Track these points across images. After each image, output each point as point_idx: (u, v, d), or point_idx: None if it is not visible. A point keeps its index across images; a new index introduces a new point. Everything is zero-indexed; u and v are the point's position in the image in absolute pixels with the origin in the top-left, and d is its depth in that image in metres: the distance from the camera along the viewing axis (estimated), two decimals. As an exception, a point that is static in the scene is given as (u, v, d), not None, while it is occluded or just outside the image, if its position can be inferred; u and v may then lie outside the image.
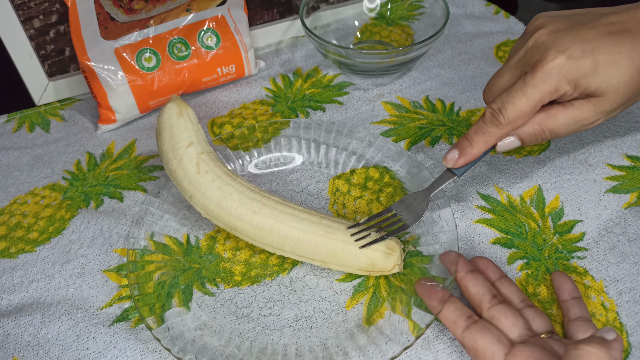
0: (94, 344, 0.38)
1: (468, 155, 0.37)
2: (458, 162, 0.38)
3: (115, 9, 0.53)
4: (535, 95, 0.33)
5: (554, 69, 0.32)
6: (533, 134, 0.35)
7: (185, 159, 0.40)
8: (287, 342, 0.38)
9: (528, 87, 0.33)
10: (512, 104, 0.34)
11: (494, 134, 0.36)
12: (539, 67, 0.33)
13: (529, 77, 0.33)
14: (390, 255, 0.38)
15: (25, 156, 0.54)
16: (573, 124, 0.34)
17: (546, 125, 0.35)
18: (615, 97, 0.33)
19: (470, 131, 0.37)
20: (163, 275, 0.41)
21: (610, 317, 0.38)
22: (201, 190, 0.40)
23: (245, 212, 0.39)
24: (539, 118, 0.35)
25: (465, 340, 0.34)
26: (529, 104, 0.33)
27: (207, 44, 0.56)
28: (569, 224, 0.44)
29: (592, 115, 0.34)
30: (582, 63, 0.32)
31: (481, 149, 0.37)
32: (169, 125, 0.42)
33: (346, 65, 0.58)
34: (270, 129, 0.51)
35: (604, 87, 0.32)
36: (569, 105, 0.34)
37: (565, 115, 0.34)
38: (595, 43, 0.32)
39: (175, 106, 0.42)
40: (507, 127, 0.35)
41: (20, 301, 0.41)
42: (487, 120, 0.36)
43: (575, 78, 0.32)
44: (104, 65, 0.52)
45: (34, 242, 0.45)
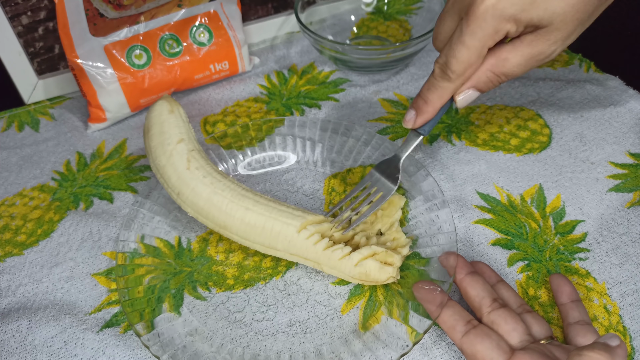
0: (82, 351, 0.37)
1: (425, 114, 0.36)
2: (417, 121, 0.37)
3: (104, 5, 0.51)
4: (475, 44, 0.31)
5: (487, 11, 0.29)
6: (488, 81, 0.33)
7: (175, 155, 0.40)
8: (281, 349, 0.37)
9: (465, 36, 0.31)
10: (455, 58, 0.32)
11: (447, 88, 0.34)
12: (471, 13, 0.30)
13: (465, 25, 0.31)
14: (385, 268, 0.37)
15: (14, 156, 0.53)
16: (527, 61, 0.32)
17: (499, 70, 0.32)
18: (564, 24, 0.30)
19: (424, 88, 0.36)
20: (153, 279, 0.40)
21: (613, 321, 0.37)
22: (191, 186, 0.39)
23: (237, 209, 0.38)
24: (490, 64, 0.33)
25: (464, 346, 0.33)
26: (471, 54, 0.31)
27: (199, 40, 0.55)
28: (571, 224, 0.43)
29: (546, 47, 0.31)
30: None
31: (437, 105, 0.36)
32: (159, 122, 0.41)
33: (342, 61, 0.56)
34: (264, 128, 0.50)
35: (548, 16, 0.29)
36: (518, 43, 0.31)
37: (517, 56, 0.32)
38: None
39: (166, 103, 0.42)
40: (457, 80, 0.33)
41: (7, 306, 0.40)
42: (437, 76, 0.34)
43: (513, 14, 0.29)
44: (93, 62, 0.51)
45: (22, 245, 0.44)
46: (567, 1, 0.29)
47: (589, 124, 0.50)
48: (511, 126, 0.51)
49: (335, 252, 0.37)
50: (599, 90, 0.54)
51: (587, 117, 0.51)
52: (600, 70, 0.57)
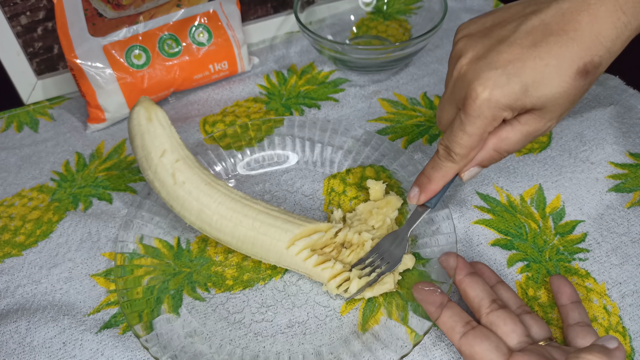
0: (80, 352, 0.37)
1: (428, 192, 0.38)
2: (420, 199, 0.38)
3: (102, 5, 0.51)
4: (475, 131, 0.33)
5: (483, 104, 0.31)
6: (491, 158, 0.35)
7: (159, 170, 0.38)
8: (280, 350, 0.37)
9: (465, 125, 0.33)
10: (457, 143, 0.34)
11: (451, 168, 0.36)
12: (468, 106, 0.32)
13: (464, 116, 0.32)
14: (376, 287, 0.37)
15: (13, 157, 0.53)
16: (526, 138, 0.34)
17: (501, 148, 0.34)
18: (556, 106, 0.31)
19: (427, 167, 0.37)
20: (152, 280, 0.40)
21: (613, 321, 0.37)
22: (179, 202, 0.39)
23: (226, 224, 0.38)
24: (492, 143, 0.34)
25: (463, 347, 0.33)
26: (472, 140, 0.33)
27: (198, 40, 0.55)
28: (570, 225, 0.43)
29: (542, 125, 0.33)
30: (510, 89, 0.30)
31: (440, 184, 0.37)
32: (140, 133, 0.39)
33: (342, 61, 0.56)
34: (263, 127, 0.50)
35: (541, 102, 0.31)
36: (516, 123, 0.33)
37: (516, 134, 0.33)
38: (519, 64, 0.30)
39: (143, 110, 0.39)
40: (461, 161, 0.35)
41: (5, 307, 0.40)
42: (442, 157, 0.36)
43: (508, 104, 0.31)
44: (92, 62, 0.51)
45: (20, 246, 0.44)
46: (558, 89, 0.30)
47: (588, 123, 0.50)
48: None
49: (325, 270, 0.37)
50: (599, 90, 0.53)
51: (587, 117, 0.51)
52: (601, 69, 0.56)
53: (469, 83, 0.31)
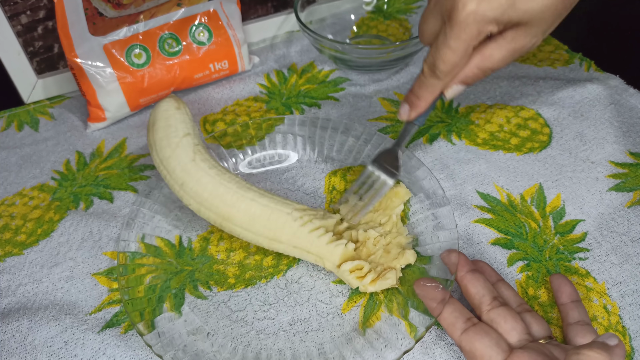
0: (82, 351, 0.37)
1: (418, 108, 0.38)
2: (411, 115, 0.39)
3: (103, 4, 0.51)
4: (460, 46, 0.32)
5: (469, 16, 0.31)
6: (475, 76, 0.35)
7: (181, 147, 0.41)
8: (282, 347, 0.37)
9: (450, 40, 0.32)
10: (441, 60, 0.33)
11: (436, 85, 0.36)
12: (454, 19, 0.31)
13: (448, 29, 0.32)
14: (381, 282, 0.38)
15: (13, 156, 0.53)
16: (511, 55, 0.33)
17: (485, 65, 0.34)
18: (543, 20, 0.31)
19: (415, 85, 0.38)
20: (154, 279, 0.40)
21: (613, 321, 0.37)
22: (196, 177, 0.39)
23: (242, 200, 0.38)
24: (476, 61, 0.34)
25: (463, 343, 0.33)
26: (457, 55, 0.33)
27: (198, 39, 0.55)
28: (571, 224, 0.43)
29: (527, 41, 0.32)
30: (496, 2, 0.30)
31: (428, 100, 0.38)
32: (166, 116, 0.42)
33: (342, 60, 0.56)
34: (264, 126, 0.50)
35: (528, 16, 0.30)
36: (501, 40, 0.33)
37: (500, 51, 0.33)
38: None
39: (173, 100, 0.43)
40: (446, 78, 0.35)
41: (7, 306, 0.40)
42: (427, 74, 0.36)
43: (494, 17, 0.31)
44: (93, 62, 0.51)
45: (21, 245, 0.44)
46: (545, 1, 0.30)
47: (589, 123, 0.51)
48: (511, 125, 0.51)
49: (338, 247, 0.37)
50: (600, 90, 0.54)
51: (588, 117, 0.51)
52: (601, 69, 0.57)
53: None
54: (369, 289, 0.38)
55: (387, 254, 0.40)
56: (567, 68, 0.57)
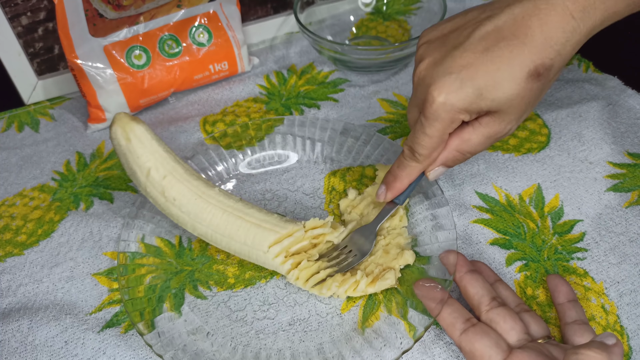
0: (82, 351, 0.37)
1: (394, 190, 0.39)
2: (387, 196, 0.40)
3: (103, 5, 0.51)
4: (435, 133, 0.34)
5: (439, 108, 0.32)
6: (455, 159, 0.37)
7: (149, 188, 0.38)
8: (282, 347, 0.37)
9: (425, 128, 0.34)
10: (419, 144, 0.35)
11: (415, 167, 0.37)
12: (426, 109, 0.33)
13: (423, 118, 0.34)
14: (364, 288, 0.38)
15: (14, 157, 0.53)
16: (487, 140, 0.35)
17: (463, 149, 0.36)
18: (513, 109, 0.33)
19: (394, 166, 0.39)
20: (154, 279, 0.40)
21: (611, 320, 0.37)
22: (174, 218, 0.39)
23: (220, 239, 0.38)
24: (455, 144, 0.36)
25: (463, 344, 0.33)
26: (432, 141, 0.35)
27: (198, 40, 0.55)
28: (569, 224, 0.43)
29: (502, 127, 0.34)
30: (464, 93, 0.32)
31: (405, 182, 0.39)
32: (122, 154, 0.38)
33: (342, 61, 0.57)
34: (263, 127, 0.50)
35: (496, 105, 0.32)
36: (477, 125, 0.34)
37: (477, 136, 0.35)
38: (472, 69, 0.31)
39: (120, 130, 0.37)
40: (425, 161, 0.37)
41: (7, 306, 0.40)
42: (407, 157, 0.37)
43: (463, 107, 0.32)
44: (93, 63, 0.51)
45: (22, 245, 0.44)
46: (511, 91, 0.31)
47: (587, 123, 0.51)
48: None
49: (295, 270, 0.38)
50: (598, 90, 0.54)
51: (586, 117, 0.51)
52: (599, 70, 0.57)
53: (427, 87, 0.33)
54: (369, 290, 0.38)
55: (386, 254, 0.40)
56: (566, 69, 0.58)
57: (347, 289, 0.38)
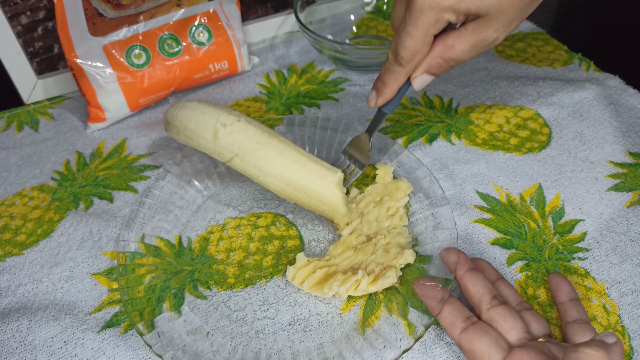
0: (82, 351, 0.37)
1: (384, 95, 0.39)
2: (378, 101, 0.40)
3: (103, 4, 0.51)
4: (418, 33, 0.32)
5: (425, 3, 0.31)
6: (439, 66, 0.35)
7: (242, 125, 0.40)
8: (282, 347, 0.37)
9: (409, 26, 0.32)
10: (402, 46, 0.34)
11: (400, 72, 0.36)
12: (411, 5, 0.31)
13: (407, 15, 0.32)
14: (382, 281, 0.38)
15: (13, 156, 0.53)
16: (472, 48, 0.33)
17: (447, 56, 0.34)
18: (502, 13, 0.31)
19: (382, 72, 0.38)
20: (154, 279, 0.40)
21: (612, 320, 0.37)
22: (264, 135, 0.40)
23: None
24: (439, 51, 0.34)
25: (463, 342, 0.33)
26: (416, 41, 0.33)
27: (198, 39, 0.55)
28: (570, 224, 0.43)
29: (489, 34, 0.32)
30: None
31: (394, 87, 0.38)
32: (195, 107, 0.41)
33: (342, 60, 0.56)
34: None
35: (485, 7, 0.30)
36: (463, 30, 0.33)
37: (462, 42, 0.33)
38: None
39: (194, 102, 0.42)
40: (408, 65, 0.35)
41: (7, 306, 0.40)
42: (391, 61, 0.36)
43: (450, 6, 0.31)
44: (93, 62, 0.51)
45: (21, 245, 0.44)
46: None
47: (588, 123, 0.51)
48: (511, 125, 0.51)
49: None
50: (599, 90, 0.54)
51: (587, 117, 0.51)
52: (600, 69, 0.57)
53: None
54: (371, 289, 0.38)
55: (386, 253, 0.40)
56: (567, 68, 0.57)
57: (348, 288, 0.38)
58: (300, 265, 0.39)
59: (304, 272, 0.38)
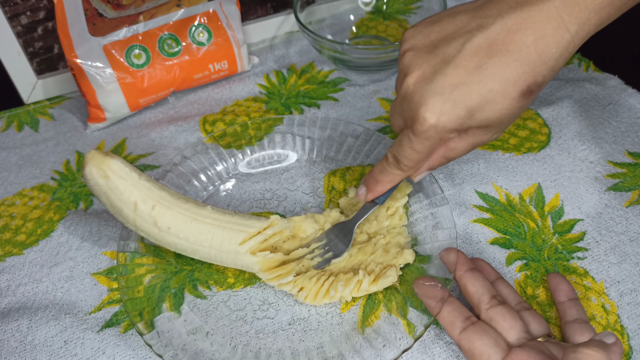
0: (82, 350, 0.37)
1: (375, 193, 0.39)
2: (367, 197, 0.39)
3: (103, 4, 0.51)
4: (423, 149, 0.33)
5: (430, 129, 0.32)
6: (439, 164, 0.36)
7: (139, 222, 0.37)
8: (281, 347, 0.37)
9: (414, 143, 0.33)
10: (405, 157, 0.35)
11: (399, 175, 0.37)
12: (416, 129, 0.32)
13: (412, 135, 0.33)
14: None
15: (13, 156, 0.53)
16: (473, 147, 0.35)
17: (448, 155, 0.35)
18: (501, 124, 0.32)
19: (376, 170, 0.38)
20: (154, 279, 0.40)
21: (611, 320, 0.37)
22: (172, 246, 0.38)
23: (228, 257, 0.38)
24: (441, 152, 0.35)
25: (462, 342, 0.33)
26: (420, 156, 0.34)
27: (198, 40, 0.55)
28: (569, 224, 0.43)
29: (488, 137, 0.34)
30: (455, 115, 0.31)
31: (387, 187, 0.38)
32: (102, 193, 0.36)
33: (341, 60, 0.56)
34: (263, 126, 0.50)
35: (487, 122, 0.32)
36: (464, 135, 0.34)
37: (463, 145, 0.34)
38: (464, 89, 0.30)
39: (95, 170, 0.36)
40: (409, 171, 0.36)
41: (7, 306, 0.40)
42: (391, 164, 0.36)
43: (453, 128, 0.32)
44: (93, 62, 0.51)
45: (21, 245, 0.44)
46: (502, 111, 0.31)
47: (587, 123, 0.51)
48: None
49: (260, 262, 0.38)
50: (598, 90, 0.54)
51: (586, 116, 0.51)
52: (599, 69, 0.57)
53: (417, 107, 0.32)
54: (372, 289, 0.38)
55: (386, 253, 0.40)
56: (566, 68, 0.57)
57: (352, 290, 0.38)
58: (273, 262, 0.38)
59: (310, 288, 0.38)
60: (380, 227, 0.42)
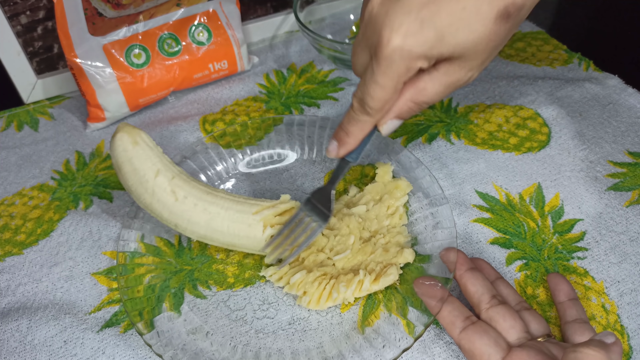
0: (82, 350, 0.37)
1: (347, 145, 0.36)
2: (339, 152, 0.36)
3: (102, 4, 0.51)
4: (388, 83, 0.30)
5: (395, 52, 0.28)
6: (410, 110, 0.33)
7: (157, 190, 0.38)
8: (281, 347, 0.37)
9: (377, 76, 0.30)
10: (370, 96, 0.31)
11: (367, 121, 0.34)
12: (379, 54, 0.29)
13: (375, 65, 0.29)
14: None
15: (13, 156, 0.53)
16: (445, 89, 0.31)
17: (419, 99, 0.32)
18: (476, 54, 0.29)
19: (344, 120, 0.35)
20: (154, 278, 0.40)
21: (611, 320, 0.37)
22: (186, 217, 0.38)
23: (240, 228, 0.38)
24: (410, 94, 0.32)
25: (462, 342, 0.33)
26: (386, 91, 0.31)
27: (198, 39, 0.55)
28: (569, 223, 0.43)
29: (462, 75, 0.30)
30: (423, 36, 0.27)
31: (358, 137, 0.35)
32: (127, 159, 0.38)
33: (341, 60, 0.56)
34: (263, 126, 0.50)
35: (459, 49, 0.28)
36: (435, 72, 0.30)
37: (434, 85, 0.31)
38: (433, 7, 0.27)
39: (126, 136, 0.38)
40: (376, 114, 0.33)
41: (6, 306, 0.40)
42: (357, 110, 0.33)
43: (422, 52, 0.28)
44: (92, 62, 0.51)
45: (21, 245, 0.44)
46: (477, 34, 0.28)
47: (587, 122, 0.51)
48: (510, 125, 0.51)
49: None
50: (598, 89, 0.54)
51: (586, 116, 0.51)
52: (600, 69, 0.57)
53: (381, 28, 0.28)
54: (373, 288, 0.38)
55: (385, 252, 0.40)
56: (566, 68, 0.57)
57: (354, 291, 0.37)
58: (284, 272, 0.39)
59: (312, 292, 0.38)
60: (380, 227, 0.42)
